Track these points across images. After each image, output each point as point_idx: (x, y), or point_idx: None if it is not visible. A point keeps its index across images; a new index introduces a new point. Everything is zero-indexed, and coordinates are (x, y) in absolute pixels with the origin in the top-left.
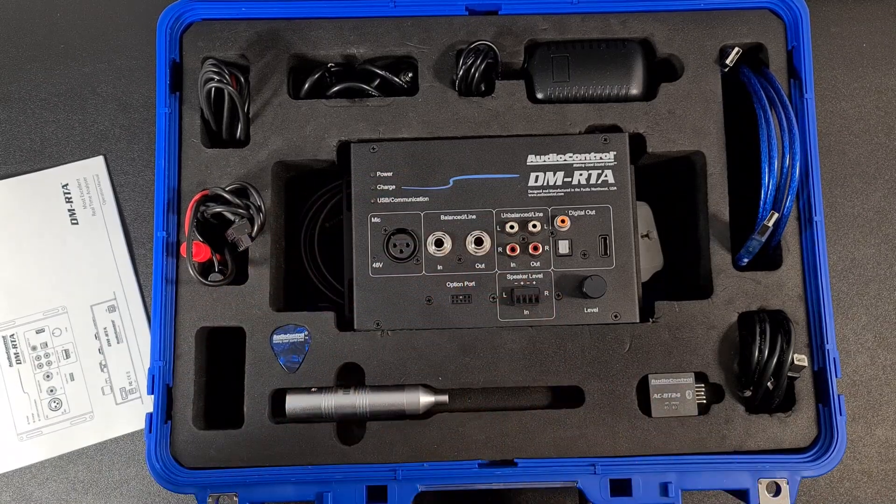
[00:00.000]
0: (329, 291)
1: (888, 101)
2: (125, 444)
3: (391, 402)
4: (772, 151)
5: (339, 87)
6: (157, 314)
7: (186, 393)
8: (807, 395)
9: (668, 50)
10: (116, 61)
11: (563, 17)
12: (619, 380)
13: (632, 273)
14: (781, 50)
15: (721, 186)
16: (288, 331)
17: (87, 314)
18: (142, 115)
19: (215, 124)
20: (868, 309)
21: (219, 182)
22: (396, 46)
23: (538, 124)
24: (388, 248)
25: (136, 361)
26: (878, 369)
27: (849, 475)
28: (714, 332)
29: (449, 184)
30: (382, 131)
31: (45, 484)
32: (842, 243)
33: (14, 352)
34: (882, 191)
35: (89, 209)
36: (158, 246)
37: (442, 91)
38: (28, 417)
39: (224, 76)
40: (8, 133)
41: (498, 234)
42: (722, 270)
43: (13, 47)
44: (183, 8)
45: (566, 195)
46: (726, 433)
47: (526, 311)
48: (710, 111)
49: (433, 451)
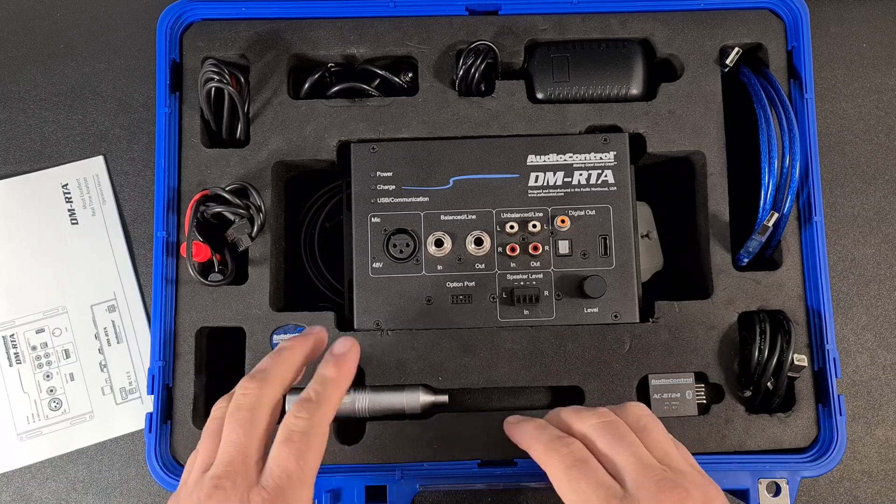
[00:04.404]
0: (329, 291)
1: (888, 101)
2: (125, 444)
3: (391, 402)
4: (772, 151)
5: (339, 87)
6: (157, 314)
7: (186, 393)
8: (807, 395)
9: (668, 50)
10: (116, 61)
11: (563, 17)
12: (619, 380)
13: (632, 273)
14: (781, 50)
15: (721, 186)
16: (288, 331)
17: (87, 314)
18: (142, 115)
19: (215, 124)
20: (868, 309)
21: (219, 182)
22: (396, 46)
23: (538, 124)
24: (388, 248)
25: (136, 361)
26: (878, 369)
27: (849, 475)
28: (714, 332)
29: (449, 184)
30: (382, 131)
31: (45, 484)
32: (842, 243)
33: (14, 352)
34: (882, 191)
35: (89, 209)
36: (158, 246)
37: (442, 91)
38: (28, 417)
39: (224, 76)
40: (8, 133)
41: (498, 234)
42: (722, 270)
43: (13, 47)
44: (183, 8)
45: (566, 195)
46: (726, 433)
47: (526, 311)
48: (710, 111)
49: (433, 451)
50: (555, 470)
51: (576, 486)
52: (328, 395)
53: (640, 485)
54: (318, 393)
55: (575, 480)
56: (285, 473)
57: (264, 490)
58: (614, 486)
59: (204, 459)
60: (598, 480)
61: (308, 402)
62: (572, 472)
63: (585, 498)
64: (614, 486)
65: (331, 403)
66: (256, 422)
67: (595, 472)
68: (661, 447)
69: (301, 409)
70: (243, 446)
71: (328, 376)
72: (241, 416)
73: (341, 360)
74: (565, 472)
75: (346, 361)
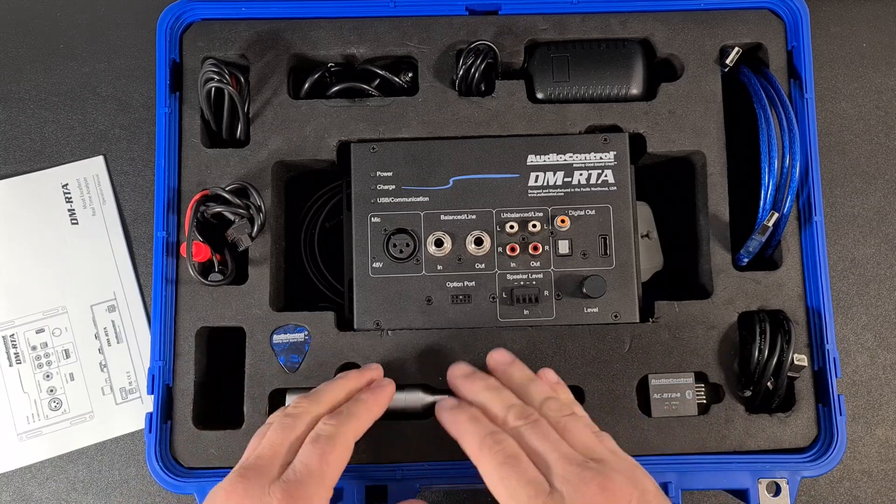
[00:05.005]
0: (329, 291)
1: (888, 101)
2: (125, 444)
3: (391, 402)
4: (772, 151)
5: (339, 87)
6: (157, 314)
7: (186, 393)
8: (807, 395)
9: (668, 50)
10: (116, 61)
11: (563, 17)
12: (619, 380)
13: (632, 273)
14: (781, 50)
15: (721, 186)
16: (288, 331)
17: (87, 314)
18: (142, 115)
19: (215, 124)
20: (868, 309)
21: (219, 182)
22: (396, 46)
23: (538, 124)
24: (388, 248)
25: (136, 361)
26: (878, 369)
27: (849, 475)
28: (714, 332)
29: (449, 184)
30: (382, 131)
31: (45, 484)
32: (842, 243)
33: (14, 352)
34: (882, 191)
35: (89, 209)
36: (158, 246)
37: (442, 91)
38: (28, 417)
39: (224, 76)
40: (8, 133)
41: (498, 234)
42: (722, 270)
43: (13, 47)
44: (183, 8)
45: (566, 195)
46: (726, 433)
47: (526, 311)
48: (710, 111)
49: (433, 451)
50: (487, 466)
51: (507, 483)
52: (359, 413)
53: (563, 479)
54: (351, 409)
55: (506, 478)
56: (307, 469)
57: (285, 483)
58: (542, 482)
59: (246, 455)
60: (527, 478)
61: (339, 414)
62: (503, 470)
63: (514, 493)
64: (542, 482)
65: (360, 421)
66: (296, 428)
67: (525, 470)
68: (582, 440)
69: (332, 417)
70: (277, 445)
71: (363, 398)
72: (285, 422)
73: (378, 389)
74: (497, 468)
75: (382, 390)
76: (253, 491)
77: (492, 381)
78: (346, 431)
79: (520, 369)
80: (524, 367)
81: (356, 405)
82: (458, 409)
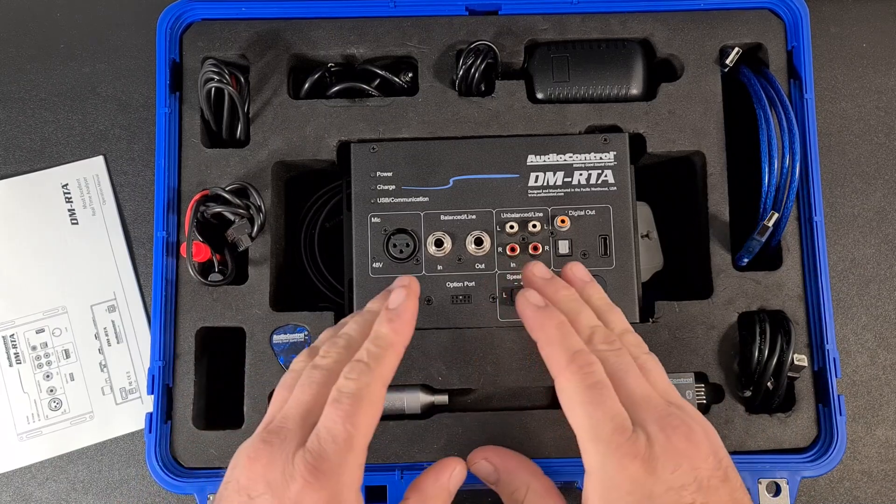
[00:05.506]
0: (329, 291)
1: (888, 101)
2: (125, 444)
3: (391, 403)
4: (772, 151)
5: (339, 87)
6: (157, 314)
7: (186, 393)
8: (807, 395)
9: (668, 50)
10: (116, 61)
11: (563, 17)
12: None
13: (632, 273)
14: (781, 50)
15: (721, 186)
16: (288, 331)
17: (87, 314)
18: (142, 115)
19: (215, 124)
20: (868, 309)
21: (219, 182)
22: (396, 46)
23: (538, 124)
24: (388, 248)
25: (136, 361)
26: (878, 369)
27: (849, 475)
28: (714, 332)
29: (449, 184)
30: (382, 131)
31: (45, 484)
32: (842, 243)
33: (14, 352)
34: (882, 191)
35: (89, 209)
36: (158, 246)
37: (442, 91)
38: (28, 417)
39: (224, 76)
40: (8, 133)
41: (498, 234)
42: (722, 270)
43: (13, 47)
44: (183, 8)
45: (566, 195)
46: (726, 433)
47: None
48: (710, 111)
49: (433, 451)
50: (570, 384)
51: (589, 410)
52: (382, 356)
53: (649, 420)
54: (371, 353)
55: (589, 404)
56: (330, 436)
57: (309, 454)
58: (626, 419)
59: (272, 412)
60: (613, 411)
61: (359, 363)
62: (589, 394)
63: (596, 424)
64: (626, 419)
65: (385, 365)
66: (328, 384)
67: (611, 402)
68: (661, 383)
69: (352, 369)
70: (307, 406)
71: (382, 334)
72: (314, 376)
73: (395, 316)
74: (582, 391)
75: (400, 317)
76: (276, 460)
77: (575, 292)
78: (371, 383)
79: (598, 291)
80: (602, 291)
81: (378, 347)
82: (547, 310)
